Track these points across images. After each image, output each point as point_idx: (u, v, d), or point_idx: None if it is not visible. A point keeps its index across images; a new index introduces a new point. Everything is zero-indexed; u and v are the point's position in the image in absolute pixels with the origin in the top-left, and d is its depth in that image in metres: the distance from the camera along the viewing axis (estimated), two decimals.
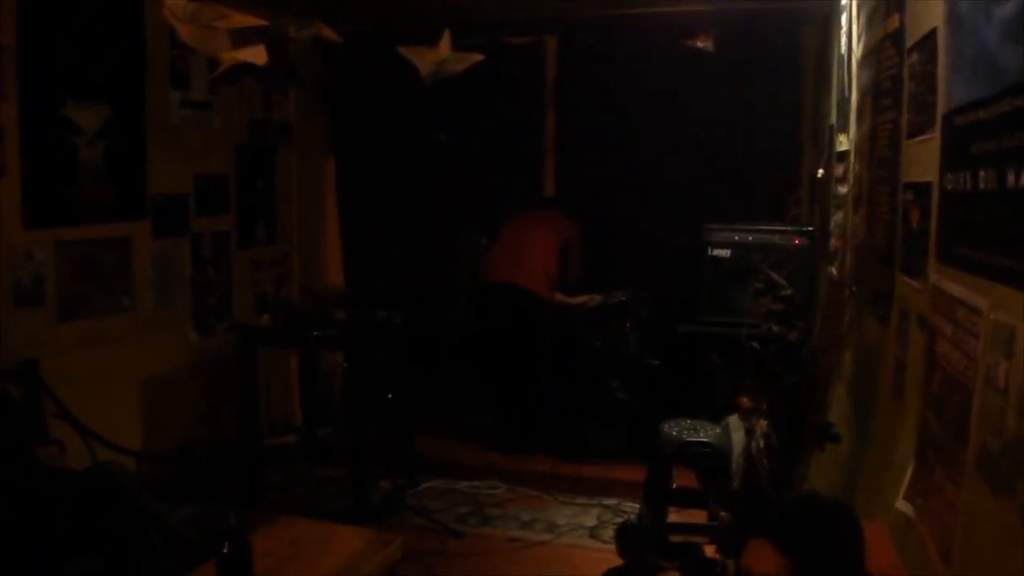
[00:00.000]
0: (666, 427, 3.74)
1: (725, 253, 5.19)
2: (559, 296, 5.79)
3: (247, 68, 4.03)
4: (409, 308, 5.36)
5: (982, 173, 1.81)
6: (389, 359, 5.31)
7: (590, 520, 4.95)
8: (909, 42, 2.67)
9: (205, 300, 5.53)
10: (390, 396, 5.32)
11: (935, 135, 2.27)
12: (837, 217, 4.27)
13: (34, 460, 3.52)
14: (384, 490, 5.09)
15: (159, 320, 5.13)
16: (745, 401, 3.48)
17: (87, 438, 4.22)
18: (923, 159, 2.40)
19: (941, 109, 2.22)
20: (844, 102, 4.06)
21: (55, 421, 4.11)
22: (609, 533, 4.61)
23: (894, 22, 2.87)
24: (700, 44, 5.49)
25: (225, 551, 2.90)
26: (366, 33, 5.61)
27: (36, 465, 3.50)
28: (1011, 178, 1.61)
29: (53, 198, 4.41)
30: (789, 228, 5.19)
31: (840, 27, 4.24)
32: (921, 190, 2.42)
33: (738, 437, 3.46)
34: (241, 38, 4.02)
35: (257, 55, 3.90)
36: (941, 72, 2.23)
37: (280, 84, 5.84)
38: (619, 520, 4.73)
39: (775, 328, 3.58)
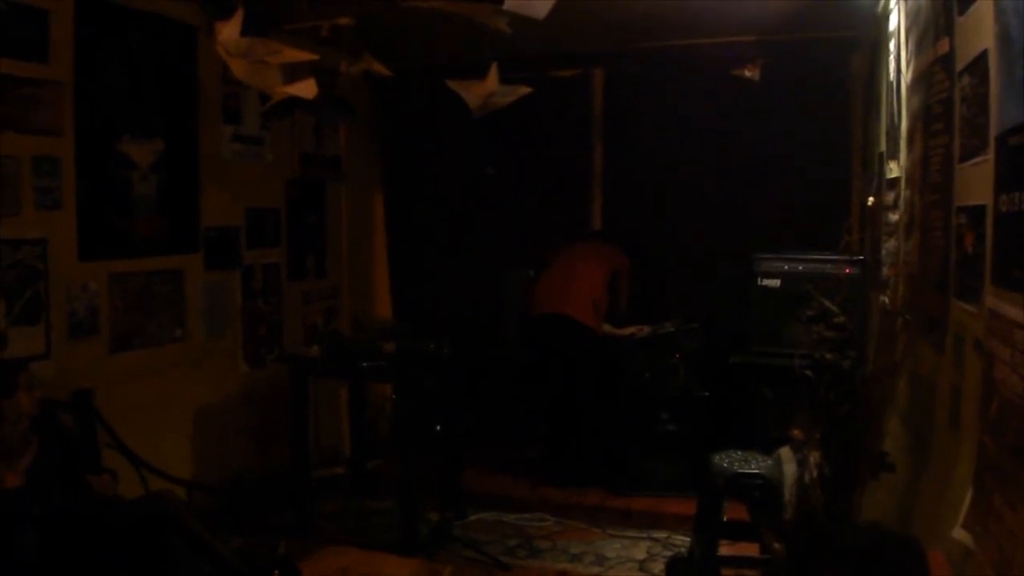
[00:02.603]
0: (717, 459, 3.71)
1: (775, 283, 5.14)
2: (607, 327, 5.76)
3: (298, 101, 4.08)
4: (457, 340, 5.37)
5: None
6: (437, 391, 5.31)
7: (640, 553, 4.87)
8: (960, 65, 2.64)
9: (256, 331, 5.60)
10: (438, 428, 5.31)
11: (988, 157, 2.24)
12: (889, 245, 4.22)
13: (86, 489, 3.57)
14: (432, 522, 5.07)
15: (210, 351, 5.20)
16: (797, 432, 3.43)
17: (139, 467, 4.26)
18: (976, 182, 2.37)
19: (994, 131, 2.19)
20: (894, 129, 4.02)
21: (108, 450, 4.16)
22: (659, 566, 4.55)
23: (944, 46, 2.85)
24: (747, 73, 5.50)
25: None
26: (415, 67, 5.68)
27: (88, 494, 3.55)
28: None
29: (107, 231, 4.49)
30: (840, 257, 5.12)
31: (889, 53, 4.20)
32: (975, 213, 2.38)
33: (790, 468, 3.42)
34: (292, 73, 4.09)
35: (307, 89, 3.95)
36: (993, 93, 2.21)
37: (331, 117, 5.92)
38: (669, 553, 4.68)
39: (828, 356, 3.53)
